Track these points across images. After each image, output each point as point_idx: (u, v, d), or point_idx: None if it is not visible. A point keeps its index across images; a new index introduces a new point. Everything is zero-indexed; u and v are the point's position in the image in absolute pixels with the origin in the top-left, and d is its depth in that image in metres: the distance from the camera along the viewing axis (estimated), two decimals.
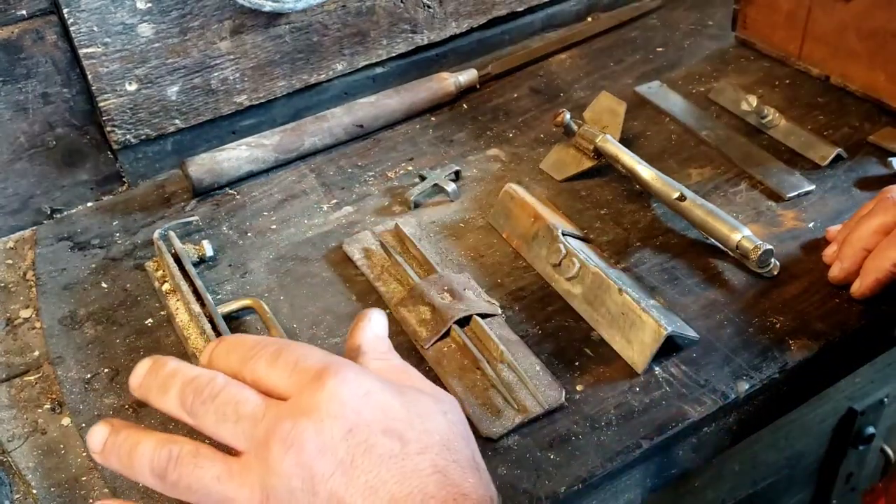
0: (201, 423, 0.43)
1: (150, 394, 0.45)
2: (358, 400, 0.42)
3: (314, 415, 0.41)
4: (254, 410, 0.42)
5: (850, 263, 0.65)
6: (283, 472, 0.40)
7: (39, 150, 0.79)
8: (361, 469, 0.40)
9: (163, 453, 0.42)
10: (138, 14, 0.75)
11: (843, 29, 0.85)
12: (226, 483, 0.41)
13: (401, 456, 0.41)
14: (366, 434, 0.41)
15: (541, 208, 0.73)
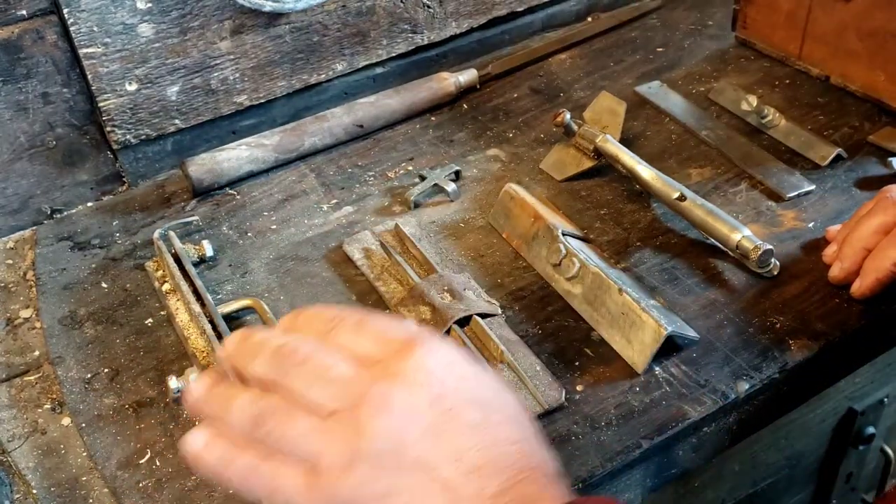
0: (292, 384, 0.43)
1: (240, 360, 0.46)
2: (443, 369, 0.43)
3: (403, 381, 0.42)
4: (344, 374, 0.43)
5: (850, 263, 0.64)
6: (373, 434, 0.40)
7: (39, 150, 0.79)
8: (447, 436, 0.41)
9: (261, 404, 0.43)
10: (138, 14, 0.75)
11: (842, 29, 0.85)
12: (316, 437, 0.41)
13: (483, 426, 0.42)
14: (451, 402, 0.42)
15: (541, 208, 0.73)
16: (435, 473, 0.40)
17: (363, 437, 0.40)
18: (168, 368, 0.65)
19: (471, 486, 0.40)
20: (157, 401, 0.63)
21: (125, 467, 0.58)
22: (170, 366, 0.65)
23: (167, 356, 0.66)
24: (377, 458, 0.40)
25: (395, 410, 0.41)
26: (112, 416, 0.62)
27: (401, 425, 0.41)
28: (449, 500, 0.40)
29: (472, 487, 0.40)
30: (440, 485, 0.40)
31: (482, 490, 0.40)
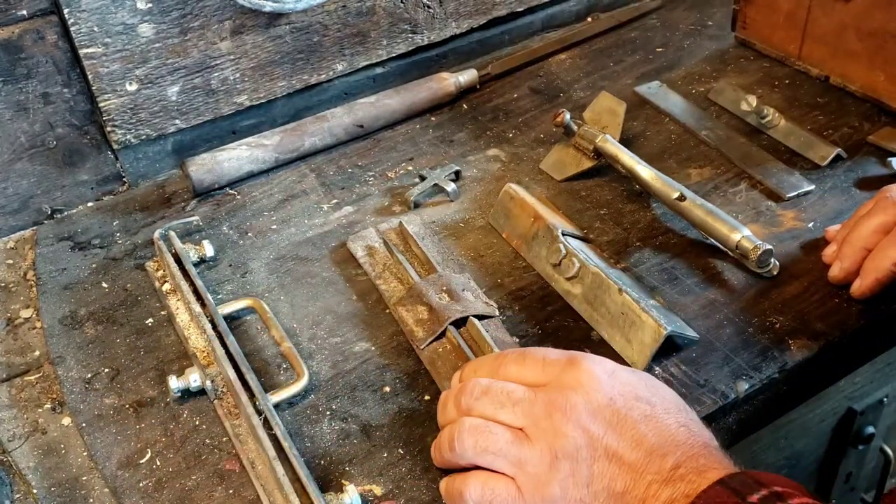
0: (482, 413, 0.52)
1: (439, 419, 0.56)
2: (608, 376, 0.51)
3: (580, 389, 0.50)
4: (524, 395, 0.51)
5: (849, 263, 0.65)
6: (568, 434, 0.48)
7: (40, 150, 0.79)
8: (625, 427, 0.49)
9: (475, 421, 0.52)
10: (139, 14, 0.75)
11: (842, 29, 0.85)
12: (518, 446, 0.50)
13: (653, 416, 0.49)
14: (623, 401, 0.50)
15: (541, 208, 0.73)
16: (623, 458, 0.48)
17: (560, 438, 0.48)
18: (168, 368, 0.65)
19: (652, 465, 0.47)
20: (157, 401, 0.63)
21: (125, 467, 0.58)
22: (170, 366, 0.65)
23: (167, 356, 0.66)
24: (576, 452, 0.48)
25: (582, 413, 0.49)
26: (112, 415, 0.62)
27: (587, 424, 0.49)
28: (636, 479, 0.47)
29: (653, 466, 0.47)
30: (628, 467, 0.48)
31: (661, 467, 0.47)
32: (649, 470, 0.47)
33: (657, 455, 0.47)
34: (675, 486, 0.46)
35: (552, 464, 0.49)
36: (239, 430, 0.59)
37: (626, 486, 0.47)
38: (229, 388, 0.61)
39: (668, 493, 0.46)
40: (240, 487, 0.56)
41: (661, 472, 0.47)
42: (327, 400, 0.62)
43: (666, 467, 0.47)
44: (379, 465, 0.57)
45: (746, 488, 0.43)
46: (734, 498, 0.43)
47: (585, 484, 0.48)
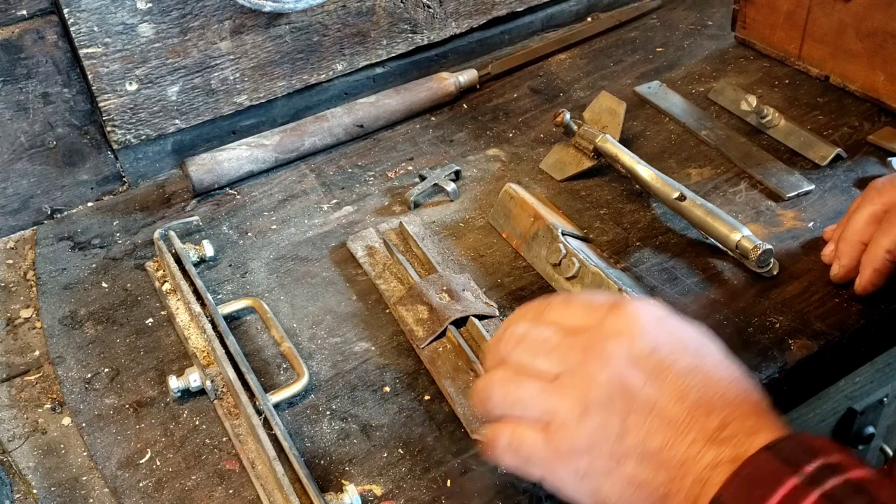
0: (518, 362, 0.49)
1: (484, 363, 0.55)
2: (655, 323, 0.47)
3: (622, 336, 0.46)
4: (561, 341, 0.48)
5: (847, 260, 0.65)
6: (602, 384, 0.45)
7: (40, 150, 0.79)
8: (668, 379, 0.45)
9: (505, 374, 0.50)
10: (139, 14, 0.75)
11: (842, 29, 0.85)
12: (548, 396, 0.47)
13: (699, 369, 0.45)
14: (667, 351, 0.46)
15: (541, 208, 0.73)
16: (662, 412, 0.44)
17: (593, 388, 0.45)
18: (168, 368, 0.65)
19: (696, 423, 0.43)
20: (157, 400, 0.63)
21: (125, 467, 0.58)
22: (170, 365, 0.65)
23: (167, 356, 0.66)
24: (609, 403, 0.45)
25: (620, 361, 0.45)
26: (112, 415, 0.62)
27: (625, 373, 0.45)
28: (676, 436, 0.43)
29: (696, 423, 0.43)
30: (667, 422, 0.44)
31: (706, 425, 0.43)
32: (692, 427, 0.43)
33: (702, 412, 0.43)
34: (720, 449, 0.42)
35: (582, 414, 0.45)
36: (239, 430, 0.59)
37: (663, 443, 0.43)
38: (229, 388, 0.61)
39: (711, 456, 0.42)
40: (240, 487, 0.56)
41: (705, 431, 0.43)
42: (327, 400, 0.62)
43: (711, 426, 0.43)
44: (379, 465, 0.57)
45: (797, 457, 0.40)
46: (785, 468, 0.39)
47: (617, 437, 0.44)
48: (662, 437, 0.44)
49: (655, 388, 0.45)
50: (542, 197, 0.78)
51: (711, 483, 0.41)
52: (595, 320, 0.48)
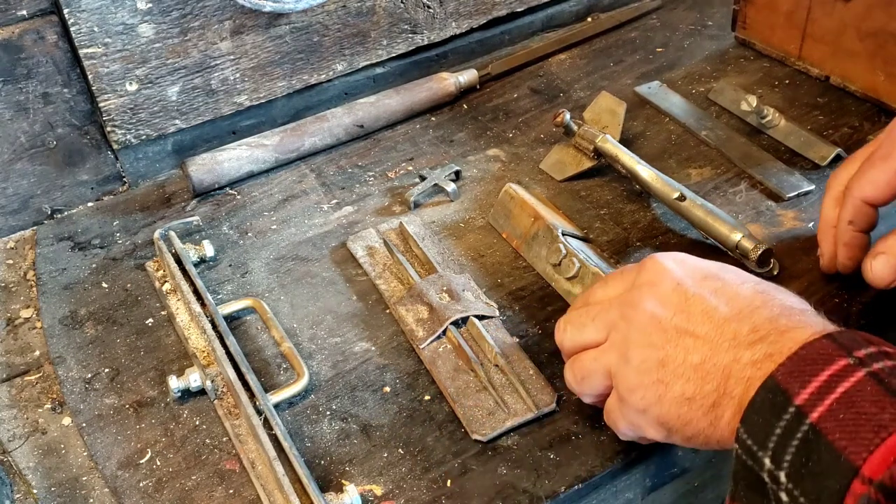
0: (571, 342, 0.56)
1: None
2: (676, 264, 0.52)
3: (649, 284, 0.52)
4: (602, 309, 0.54)
5: (825, 246, 0.65)
6: (638, 328, 0.50)
7: (40, 150, 0.79)
8: (694, 305, 0.49)
9: (568, 362, 0.57)
10: (139, 14, 0.75)
11: (842, 29, 0.85)
12: (600, 356, 0.53)
13: (723, 288, 0.50)
14: (690, 283, 0.51)
15: (541, 208, 0.73)
16: (694, 333, 0.48)
17: (631, 333, 0.51)
18: (168, 368, 0.65)
19: (726, 332, 0.47)
20: (157, 401, 0.63)
21: (125, 467, 0.58)
22: (170, 366, 0.65)
23: (168, 356, 0.66)
24: (647, 341, 0.50)
25: (650, 303, 0.51)
26: (112, 415, 0.62)
27: (656, 312, 0.50)
28: (711, 349, 0.47)
29: (727, 333, 0.47)
30: (701, 340, 0.48)
31: (737, 332, 0.47)
32: (724, 337, 0.47)
33: (731, 322, 0.48)
34: (755, 348, 0.46)
35: (628, 358, 0.51)
36: (239, 430, 0.59)
37: (702, 358, 0.48)
38: (229, 388, 0.61)
39: (748, 356, 0.46)
40: (240, 487, 0.56)
41: (737, 338, 0.47)
42: (327, 400, 0.62)
43: (743, 331, 0.47)
44: (379, 465, 0.57)
45: (855, 344, 0.43)
46: (840, 351, 0.42)
47: (659, 366, 0.49)
48: (700, 353, 0.48)
49: (684, 317, 0.49)
50: (543, 197, 0.78)
51: (753, 378, 0.45)
52: (629, 282, 0.54)
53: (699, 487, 0.75)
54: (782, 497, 0.41)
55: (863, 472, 0.37)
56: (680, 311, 0.50)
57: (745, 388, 0.45)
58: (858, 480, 0.37)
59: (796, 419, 0.41)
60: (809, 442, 0.40)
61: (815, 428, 0.40)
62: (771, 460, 0.41)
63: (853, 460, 0.38)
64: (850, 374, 0.41)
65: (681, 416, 0.49)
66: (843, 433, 0.39)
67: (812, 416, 0.40)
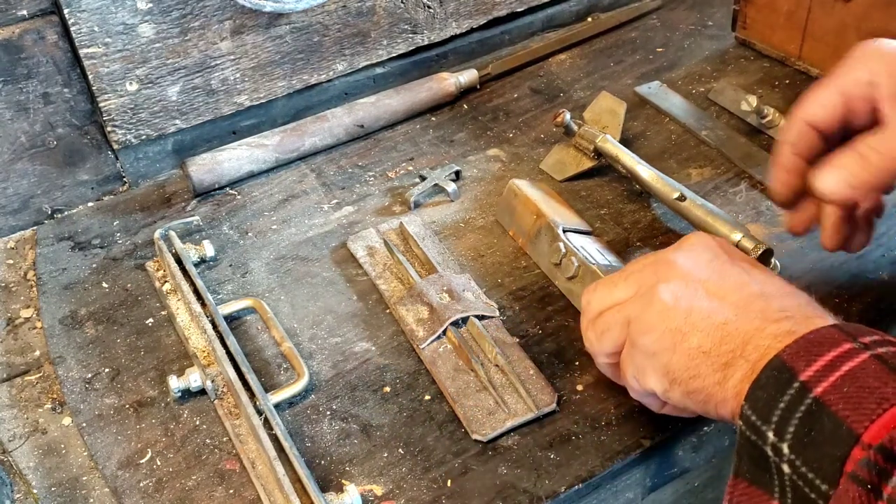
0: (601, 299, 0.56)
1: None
2: (715, 244, 0.53)
3: (685, 248, 0.53)
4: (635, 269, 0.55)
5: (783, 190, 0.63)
6: (671, 278, 0.51)
7: (40, 150, 0.79)
8: (729, 275, 0.51)
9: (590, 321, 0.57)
10: (139, 14, 0.75)
11: (842, 29, 0.85)
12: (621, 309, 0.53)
13: (758, 272, 0.51)
14: (727, 258, 0.52)
15: (544, 204, 0.72)
16: (726, 297, 0.49)
17: (661, 282, 0.51)
18: (169, 368, 0.65)
19: (755, 305, 0.48)
20: (157, 401, 0.63)
21: (126, 467, 0.58)
22: (170, 366, 0.65)
23: (168, 356, 0.66)
24: (677, 290, 0.50)
25: (685, 265, 0.52)
26: (112, 415, 0.62)
27: (692, 270, 0.51)
28: (737, 314, 0.48)
29: (756, 306, 0.48)
30: (730, 304, 0.49)
31: (766, 309, 0.48)
32: (752, 309, 0.48)
33: (761, 299, 0.48)
34: (780, 324, 0.46)
35: (651, 300, 0.51)
36: (239, 430, 0.59)
37: (727, 319, 0.48)
38: (229, 388, 0.61)
39: (773, 328, 0.46)
40: (240, 487, 0.57)
41: (765, 313, 0.47)
42: (327, 400, 0.62)
43: (772, 308, 0.47)
44: (379, 465, 0.57)
45: (859, 332, 0.43)
46: (845, 337, 0.43)
47: (684, 314, 0.49)
48: (725, 315, 0.48)
49: (717, 280, 0.50)
50: (550, 190, 0.77)
51: (771, 348, 0.45)
52: (668, 252, 0.54)
53: (699, 487, 0.75)
54: (784, 469, 0.41)
55: (863, 439, 0.38)
56: (715, 275, 0.51)
57: (762, 355, 0.45)
58: (859, 447, 0.38)
59: (800, 393, 0.41)
60: (812, 413, 0.40)
61: (819, 400, 0.40)
62: (774, 433, 0.42)
63: (854, 428, 0.38)
64: (855, 356, 0.41)
65: (689, 368, 0.49)
66: (847, 404, 0.39)
67: (816, 390, 0.41)
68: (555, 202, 0.75)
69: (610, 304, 0.55)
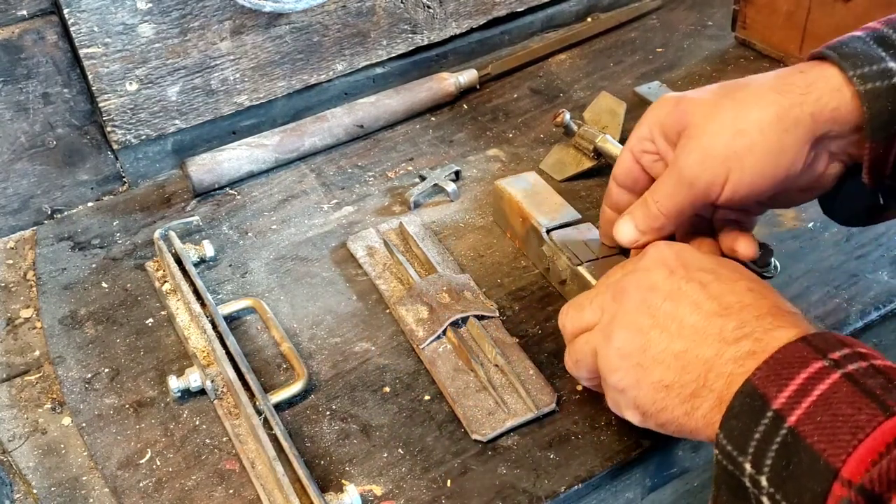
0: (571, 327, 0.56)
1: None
2: (674, 255, 0.52)
3: (641, 270, 0.52)
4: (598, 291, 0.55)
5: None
6: (627, 310, 0.51)
7: (40, 150, 0.79)
8: (685, 295, 0.49)
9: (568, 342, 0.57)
10: (139, 14, 0.75)
11: (842, 29, 0.84)
12: (588, 340, 0.53)
13: (716, 282, 0.49)
14: (683, 273, 0.51)
15: (528, 203, 0.71)
16: (681, 321, 0.48)
17: (619, 314, 0.51)
18: (168, 368, 0.65)
19: (713, 326, 0.47)
20: (157, 401, 0.63)
21: (125, 467, 0.58)
22: (170, 366, 0.65)
23: (167, 356, 0.66)
24: (633, 323, 0.50)
25: (640, 289, 0.51)
26: (112, 415, 0.62)
27: (646, 296, 0.50)
28: (695, 340, 0.47)
29: (713, 327, 0.47)
30: (687, 329, 0.48)
31: (723, 327, 0.47)
32: (710, 330, 0.47)
33: (719, 317, 0.47)
34: (738, 345, 0.45)
35: (610, 337, 0.51)
36: (239, 430, 0.59)
37: (684, 347, 0.47)
38: (229, 388, 0.61)
39: (731, 352, 0.45)
40: (240, 487, 0.57)
41: (723, 332, 0.46)
42: (327, 400, 0.62)
43: (729, 327, 0.47)
44: (379, 465, 0.57)
45: (829, 346, 0.42)
46: (814, 354, 0.42)
47: (641, 349, 0.49)
48: (683, 342, 0.48)
49: (673, 304, 0.49)
50: (536, 178, 0.74)
51: (735, 375, 0.45)
52: (629, 269, 0.54)
53: (699, 487, 0.75)
54: (764, 501, 0.41)
55: (842, 474, 0.37)
56: (670, 298, 0.49)
57: (726, 383, 0.45)
58: (838, 483, 0.37)
59: (774, 423, 0.41)
60: (789, 445, 0.40)
61: (794, 431, 0.40)
62: (752, 465, 0.41)
63: (832, 462, 0.38)
64: (826, 376, 0.41)
65: (656, 401, 0.49)
66: (822, 436, 0.39)
67: (790, 419, 0.40)
68: (541, 195, 0.72)
69: (580, 327, 0.55)
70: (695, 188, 0.53)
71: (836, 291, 0.66)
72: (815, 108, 0.51)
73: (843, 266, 0.69)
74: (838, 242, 0.71)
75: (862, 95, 0.49)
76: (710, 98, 0.54)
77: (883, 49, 0.51)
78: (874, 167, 0.52)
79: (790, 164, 0.52)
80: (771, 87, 0.52)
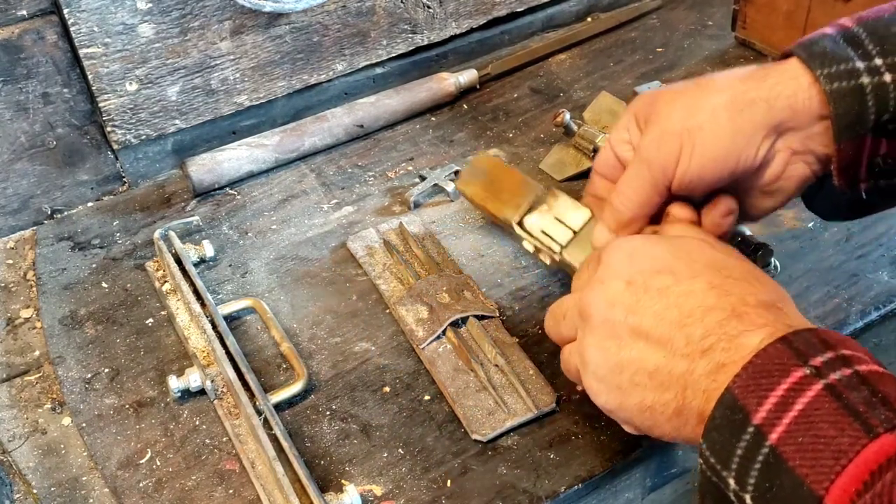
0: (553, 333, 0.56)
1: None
2: (626, 259, 0.50)
3: (596, 284, 0.50)
4: (570, 304, 0.54)
5: None
6: (592, 331, 0.49)
7: (40, 150, 0.79)
8: (646, 305, 0.47)
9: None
10: (139, 14, 0.75)
11: None
12: (570, 355, 0.53)
13: (675, 286, 0.47)
14: (641, 280, 0.48)
15: (490, 203, 0.70)
16: (648, 337, 0.47)
17: (587, 337, 0.50)
18: (168, 368, 0.65)
19: (679, 339, 0.45)
20: (157, 401, 0.63)
21: (125, 467, 0.58)
22: (170, 366, 0.65)
23: (167, 356, 0.66)
24: (602, 346, 0.49)
25: (599, 307, 0.49)
26: (112, 415, 0.62)
27: (605, 314, 0.48)
28: (666, 355, 0.46)
29: (680, 339, 0.45)
30: (655, 344, 0.46)
31: (689, 337, 0.45)
32: (677, 343, 0.45)
33: (683, 326, 0.45)
34: (708, 357, 0.44)
35: (584, 361, 0.50)
36: (239, 430, 0.60)
37: (657, 365, 0.46)
38: (229, 388, 0.61)
39: (702, 366, 0.44)
40: (240, 487, 0.57)
41: (690, 343, 0.45)
42: (327, 400, 0.62)
43: (695, 336, 0.45)
44: (379, 465, 0.57)
45: (811, 349, 0.41)
46: (795, 360, 0.40)
47: (614, 372, 0.48)
48: (654, 359, 0.46)
49: (636, 318, 0.47)
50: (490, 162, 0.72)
51: (710, 391, 0.43)
52: (592, 273, 0.52)
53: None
54: None
55: (826, 502, 0.36)
56: (632, 312, 0.48)
57: (704, 400, 0.44)
58: None
59: (756, 440, 0.40)
60: (771, 466, 0.39)
61: (776, 451, 0.39)
62: (735, 482, 0.41)
63: (815, 489, 0.37)
64: (808, 387, 0.39)
65: (644, 420, 0.48)
66: (804, 459, 0.38)
67: (771, 437, 0.39)
68: (502, 182, 0.69)
69: (561, 340, 0.55)
70: (652, 168, 0.54)
71: (836, 291, 0.66)
72: (770, 93, 0.51)
73: (843, 266, 0.69)
74: (838, 242, 0.71)
75: (828, 95, 0.49)
76: (679, 87, 0.55)
77: (852, 48, 0.51)
78: (846, 169, 0.51)
79: (742, 148, 0.51)
80: (736, 77, 0.53)
